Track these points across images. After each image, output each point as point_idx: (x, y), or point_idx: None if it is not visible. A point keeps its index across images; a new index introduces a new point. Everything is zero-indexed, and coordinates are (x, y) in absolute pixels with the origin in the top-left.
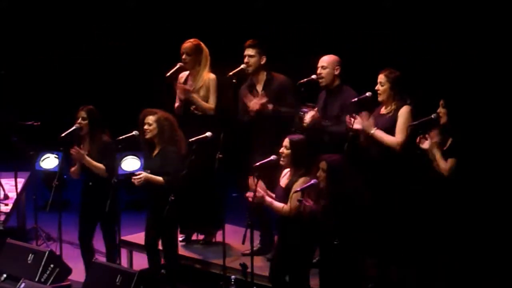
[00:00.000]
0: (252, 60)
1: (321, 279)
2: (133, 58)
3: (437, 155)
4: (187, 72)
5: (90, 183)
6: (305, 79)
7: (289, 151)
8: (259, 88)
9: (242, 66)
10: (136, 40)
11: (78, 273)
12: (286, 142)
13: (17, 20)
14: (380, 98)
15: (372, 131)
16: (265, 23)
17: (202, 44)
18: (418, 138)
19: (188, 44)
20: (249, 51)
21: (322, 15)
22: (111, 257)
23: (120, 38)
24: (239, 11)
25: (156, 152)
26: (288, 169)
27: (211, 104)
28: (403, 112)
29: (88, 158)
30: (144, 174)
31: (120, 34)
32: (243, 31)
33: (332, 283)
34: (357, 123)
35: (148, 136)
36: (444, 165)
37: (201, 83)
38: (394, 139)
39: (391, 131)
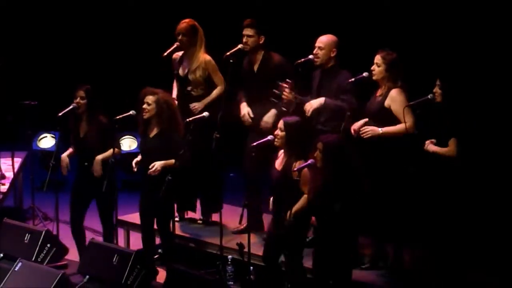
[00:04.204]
0: (251, 40)
1: (315, 258)
2: (131, 38)
3: (440, 151)
4: (181, 52)
5: (86, 164)
6: (302, 59)
7: (283, 133)
8: (255, 67)
9: (240, 46)
10: (133, 19)
11: (75, 253)
12: (281, 124)
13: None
14: (374, 78)
15: (380, 131)
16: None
17: (197, 24)
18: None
19: (183, 24)
20: (248, 31)
21: None
22: (109, 237)
23: (118, 18)
24: None
25: (155, 132)
26: (283, 151)
27: (219, 86)
28: (395, 95)
29: (100, 157)
30: (158, 164)
31: (118, 14)
32: (237, 10)
33: (326, 262)
34: (365, 134)
35: (146, 116)
36: (447, 150)
37: (196, 64)
38: (403, 126)
39: (378, 113)
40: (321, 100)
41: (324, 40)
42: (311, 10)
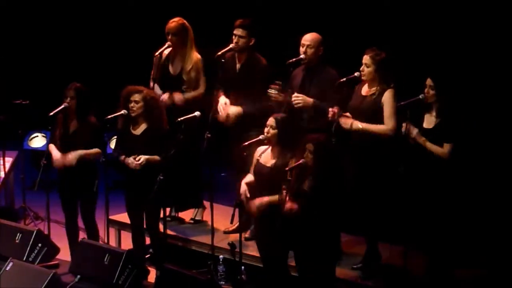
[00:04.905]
0: (242, 41)
1: (297, 258)
2: (122, 37)
3: (430, 147)
4: (167, 50)
5: None
6: (294, 59)
7: (275, 130)
8: (238, 66)
9: (231, 45)
10: (124, 19)
11: (66, 252)
12: (271, 121)
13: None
14: (363, 78)
15: (360, 126)
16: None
17: (187, 23)
18: (405, 126)
19: (173, 24)
20: (240, 32)
21: None
22: (93, 235)
23: (109, 17)
24: None
25: (142, 129)
26: (266, 147)
27: (201, 88)
28: (388, 97)
29: (83, 152)
30: (144, 157)
31: (110, 13)
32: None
33: (310, 262)
34: (343, 124)
35: (134, 114)
36: (441, 151)
37: (190, 64)
38: (385, 127)
39: (372, 114)
40: (311, 101)
41: (311, 38)
42: (288, 9)
